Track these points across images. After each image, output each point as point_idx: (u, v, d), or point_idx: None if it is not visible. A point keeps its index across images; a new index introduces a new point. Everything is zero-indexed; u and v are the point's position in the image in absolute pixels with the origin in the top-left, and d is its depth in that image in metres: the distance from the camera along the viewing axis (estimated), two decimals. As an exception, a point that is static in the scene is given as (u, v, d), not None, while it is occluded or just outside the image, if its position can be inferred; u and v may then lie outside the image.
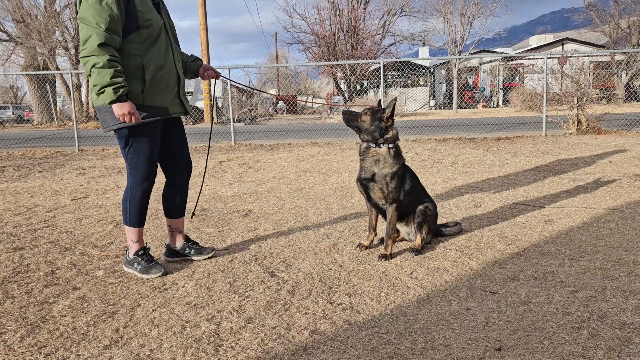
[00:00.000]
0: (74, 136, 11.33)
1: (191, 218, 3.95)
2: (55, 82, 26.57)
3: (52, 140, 13.79)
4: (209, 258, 3.32)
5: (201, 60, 3.34)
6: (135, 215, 3.03)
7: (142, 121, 2.85)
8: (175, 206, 3.28)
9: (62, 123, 24.64)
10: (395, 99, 3.25)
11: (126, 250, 3.17)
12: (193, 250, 3.32)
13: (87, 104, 25.88)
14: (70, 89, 12.12)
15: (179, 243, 3.32)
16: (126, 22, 2.77)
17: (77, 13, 2.76)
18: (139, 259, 3.05)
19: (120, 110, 2.72)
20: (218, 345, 2.18)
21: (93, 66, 2.65)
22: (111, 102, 2.70)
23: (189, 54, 3.32)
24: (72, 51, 24.74)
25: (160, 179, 3.24)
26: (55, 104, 26.54)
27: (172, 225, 3.30)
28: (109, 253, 3.50)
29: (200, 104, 29.53)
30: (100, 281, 2.97)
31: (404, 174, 3.32)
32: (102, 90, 2.67)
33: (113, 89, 2.66)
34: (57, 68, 24.96)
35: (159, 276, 3.01)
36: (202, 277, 3.01)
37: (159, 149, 3.05)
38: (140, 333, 2.31)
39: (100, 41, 2.63)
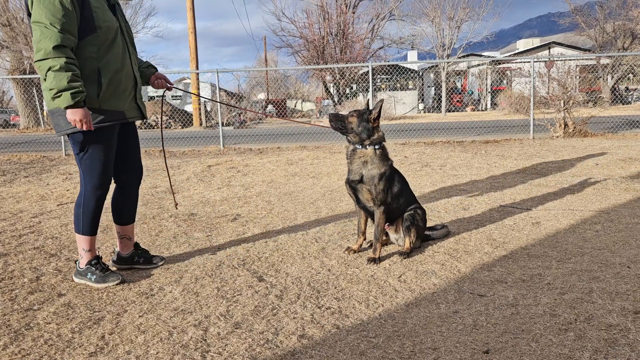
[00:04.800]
0: (60, 141, 11.20)
1: (177, 208, 3.94)
2: (41, 86, 26.31)
3: (39, 145, 13.64)
4: (157, 267, 3.25)
5: (155, 68, 3.27)
6: (88, 223, 2.93)
7: (98, 126, 2.78)
8: (125, 212, 3.19)
9: (49, 127, 24.37)
10: (382, 100, 3.30)
11: (76, 262, 3.06)
12: (142, 259, 3.25)
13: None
14: (57, 93, 11.93)
15: (128, 250, 3.23)
16: (81, 24, 2.69)
17: (29, 14, 2.67)
18: (93, 268, 2.95)
19: (73, 116, 2.64)
20: (205, 351, 2.17)
21: (49, 69, 2.55)
22: (67, 107, 2.61)
23: (144, 60, 3.26)
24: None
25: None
26: (41, 108, 26.28)
27: (122, 232, 3.20)
28: (95, 259, 3.46)
29: (188, 108, 29.43)
30: (85, 287, 2.94)
31: (392, 176, 3.34)
32: (59, 94, 2.58)
33: (71, 93, 2.57)
34: (44, 72, 24.68)
35: (116, 284, 2.93)
36: (189, 282, 2.99)
37: (114, 154, 2.98)
38: (126, 340, 2.28)
39: (55, 43, 2.55)
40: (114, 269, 3.20)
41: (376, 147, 3.27)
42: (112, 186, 3.16)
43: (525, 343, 2.14)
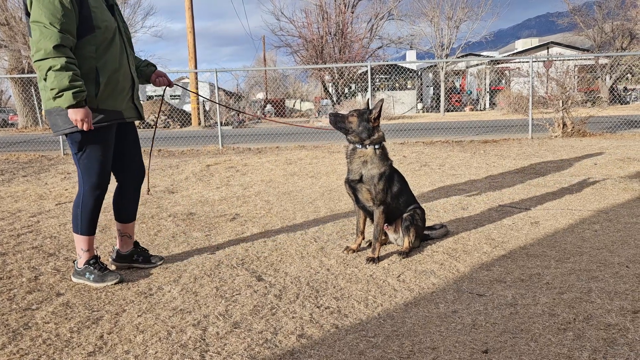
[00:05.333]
0: (59, 140, 11.19)
1: (147, 193, 3.92)
2: (38, 85, 26.24)
3: (37, 144, 13.62)
4: (155, 266, 3.25)
5: (154, 66, 3.28)
6: (87, 223, 2.92)
7: (96, 126, 2.78)
8: (125, 210, 3.19)
9: (47, 127, 24.33)
10: (382, 100, 3.29)
11: (74, 261, 3.06)
12: (141, 258, 3.25)
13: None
14: (56, 92, 11.89)
15: (128, 248, 3.23)
16: (80, 23, 2.69)
17: (27, 14, 2.66)
18: (91, 268, 2.94)
19: (75, 115, 2.64)
20: (204, 350, 2.16)
21: (49, 69, 2.55)
22: (68, 107, 2.62)
23: (143, 59, 3.27)
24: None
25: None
26: (40, 108, 26.22)
27: (122, 230, 3.21)
28: (94, 258, 3.45)
29: (187, 108, 29.40)
30: (84, 287, 2.93)
31: (391, 176, 3.34)
32: (60, 94, 2.58)
33: (72, 92, 2.58)
34: (42, 71, 24.61)
35: (115, 283, 2.93)
36: (188, 281, 2.98)
37: (112, 153, 2.97)
38: (125, 339, 2.28)
39: (55, 43, 2.54)
40: (113, 267, 3.20)
41: (376, 146, 3.27)
42: (114, 184, 3.16)
43: (524, 342, 2.14)
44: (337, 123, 3.28)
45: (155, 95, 35.44)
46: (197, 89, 22.14)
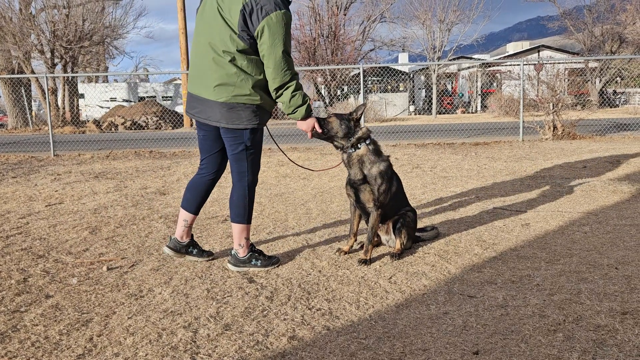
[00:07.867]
0: (49, 141, 11.10)
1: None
2: (30, 86, 26.05)
3: (27, 145, 13.50)
4: (208, 260, 3.38)
5: None
6: (250, 212, 3.18)
7: (262, 125, 3.10)
8: (204, 203, 3.39)
9: (38, 128, 24.14)
10: (364, 105, 3.38)
11: (231, 253, 3.22)
12: (195, 250, 3.38)
13: (63, 108, 25.44)
14: (46, 93, 11.87)
15: (187, 239, 3.36)
16: None
17: (245, 24, 2.84)
18: (256, 254, 3.19)
19: (306, 124, 3.12)
20: (195, 352, 2.15)
21: (286, 89, 2.95)
22: (302, 118, 3.07)
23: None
24: (48, 55, 24.31)
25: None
26: (30, 108, 26.02)
27: (190, 221, 3.35)
28: (84, 260, 3.43)
29: (179, 109, 29.31)
30: (74, 289, 2.91)
31: (392, 175, 3.36)
32: (296, 110, 3.02)
33: (306, 108, 3.04)
34: (33, 72, 24.48)
35: (277, 266, 3.22)
36: (179, 283, 2.97)
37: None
38: (114, 342, 2.26)
39: (294, 70, 2.94)
40: (170, 253, 3.34)
41: (367, 142, 3.27)
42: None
43: (514, 344, 2.15)
44: (321, 128, 3.21)
45: (147, 97, 35.29)
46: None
